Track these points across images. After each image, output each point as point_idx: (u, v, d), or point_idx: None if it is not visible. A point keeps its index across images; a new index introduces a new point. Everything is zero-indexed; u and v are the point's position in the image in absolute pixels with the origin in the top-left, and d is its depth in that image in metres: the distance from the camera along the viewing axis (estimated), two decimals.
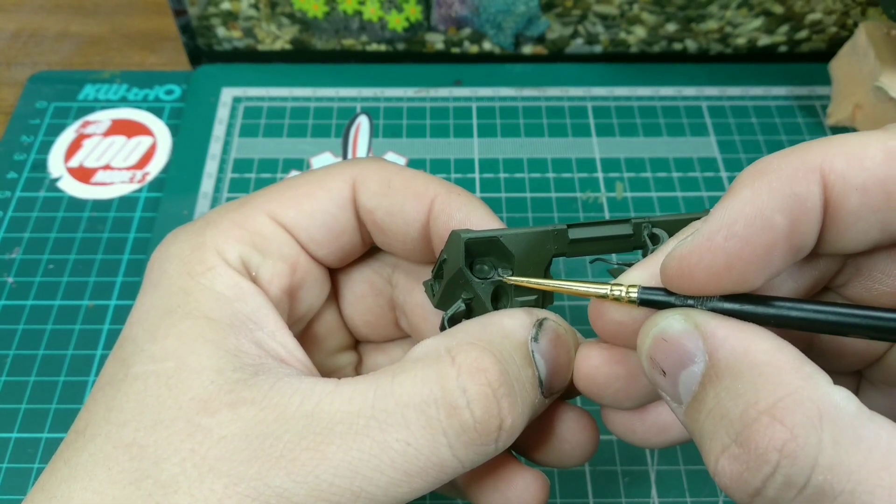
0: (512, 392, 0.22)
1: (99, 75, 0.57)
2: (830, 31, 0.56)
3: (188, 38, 0.56)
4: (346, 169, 0.27)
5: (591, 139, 0.53)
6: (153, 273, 0.26)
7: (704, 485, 0.39)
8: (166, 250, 0.26)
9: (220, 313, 0.24)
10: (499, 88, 0.56)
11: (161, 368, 0.23)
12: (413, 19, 0.55)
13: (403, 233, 0.27)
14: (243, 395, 0.22)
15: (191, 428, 0.22)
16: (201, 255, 0.25)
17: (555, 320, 0.25)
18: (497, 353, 0.22)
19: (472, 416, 0.21)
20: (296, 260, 0.27)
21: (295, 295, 0.27)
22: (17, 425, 0.41)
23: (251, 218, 0.26)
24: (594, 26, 0.55)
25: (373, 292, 0.30)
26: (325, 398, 0.22)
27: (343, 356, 0.31)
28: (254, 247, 0.26)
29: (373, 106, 0.55)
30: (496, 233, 0.25)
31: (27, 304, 0.45)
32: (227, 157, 0.52)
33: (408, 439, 0.21)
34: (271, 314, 0.25)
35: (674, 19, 0.55)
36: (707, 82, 0.56)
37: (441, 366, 0.22)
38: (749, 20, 0.55)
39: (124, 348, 0.24)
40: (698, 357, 0.19)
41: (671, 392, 0.20)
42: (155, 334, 0.23)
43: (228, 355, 0.23)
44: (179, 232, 0.27)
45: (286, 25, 0.56)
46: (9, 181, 0.51)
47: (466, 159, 0.52)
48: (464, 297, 0.25)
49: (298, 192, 0.27)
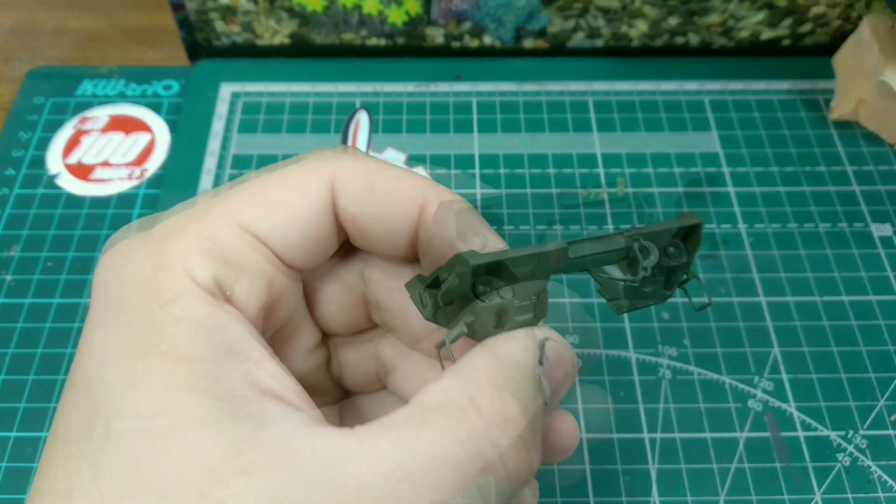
0: (536, 434, 0.22)
1: (97, 71, 0.56)
2: (834, 24, 0.56)
3: (186, 34, 0.56)
4: (321, 167, 0.25)
5: (592, 134, 0.53)
6: (109, 298, 0.22)
7: (705, 484, 0.38)
8: (122, 270, 0.22)
9: (203, 350, 0.21)
10: (499, 83, 0.55)
11: (152, 427, 0.20)
12: (413, 13, 0.54)
13: (389, 238, 0.25)
14: (255, 457, 0.19)
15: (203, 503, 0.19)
16: (168, 278, 0.22)
17: (554, 339, 0.24)
18: (521, 398, 0.22)
19: (505, 469, 0.21)
20: (272, 274, 0.24)
21: (271, 312, 0.25)
22: (16, 424, 0.41)
23: (220, 229, 0.23)
24: (596, 20, 0.55)
25: (344, 290, 0.28)
26: (349, 460, 0.20)
27: (314, 355, 0.29)
28: (225, 263, 0.23)
29: (372, 101, 0.54)
30: (502, 256, 0.24)
31: (26, 302, 0.45)
32: (226, 153, 0.51)
33: (444, 501, 0.20)
34: (254, 341, 0.22)
35: (676, 13, 0.54)
36: (709, 77, 0.56)
37: (468, 419, 0.21)
38: (752, 13, 0.54)
39: (91, 392, 0.21)
40: None
41: None
42: (134, 381, 0.20)
43: (223, 404, 0.20)
44: (131, 244, 0.23)
45: (285, 20, 0.55)
46: (6, 178, 0.50)
47: (467, 155, 0.51)
48: (466, 321, 0.24)
49: (272, 198, 0.24)
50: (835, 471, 0.39)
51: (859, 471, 0.39)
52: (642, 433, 0.40)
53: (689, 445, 0.40)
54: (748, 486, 0.38)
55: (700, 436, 0.40)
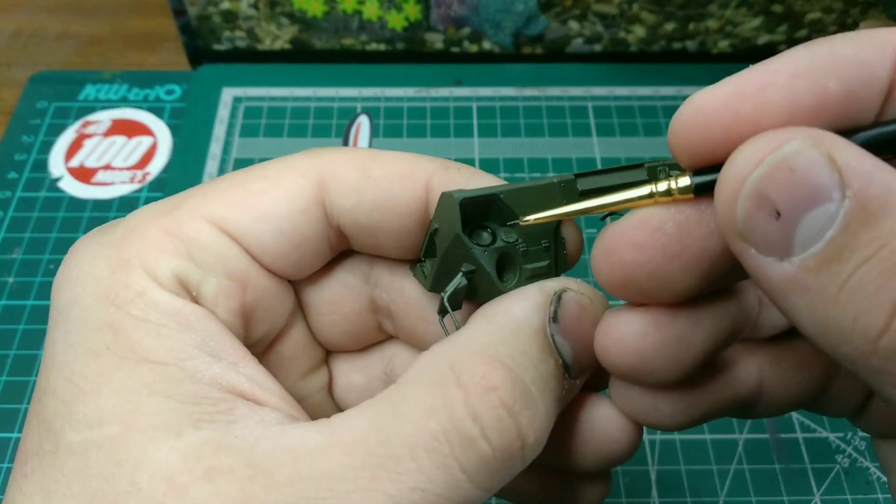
0: (530, 401, 0.19)
1: (99, 75, 0.57)
2: (830, 30, 0.56)
3: (188, 38, 0.56)
4: (306, 162, 0.22)
5: (591, 139, 0.53)
6: (61, 299, 0.20)
7: (705, 485, 0.39)
8: (76, 270, 0.20)
9: (164, 353, 0.19)
10: (499, 88, 0.56)
11: (101, 437, 0.18)
12: (412, 18, 0.55)
13: (397, 228, 0.22)
14: (218, 462, 0.18)
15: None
16: (125, 276, 0.20)
17: (576, 289, 0.21)
18: (508, 361, 0.19)
19: (489, 445, 0.18)
20: (245, 275, 0.22)
21: (249, 317, 0.22)
22: (17, 425, 0.41)
23: (186, 224, 0.21)
24: (594, 25, 0.55)
25: (349, 297, 0.25)
26: (320, 453, 0.18)
27: (313, 378, 0.26)
28: (191, 260, 0.21)
29: (373, 106, 0.55)
30: (495, 190, 0.21)
31: (28, 305, 0.45)
32: (228, 157, 0.52)
33: (424, 486, 0.18)
34: (227, 340, 0.20)
35: (673, 18, 0.55)
36: (707, 82, 0.55)
37: (446, 390, 0.18)
38: (748, 19, 0.55)
39: (45, 405, 0.19)
40: (835, 194, 0.15)
41: (778, 240, 0.15)
42: (82, 388, 0.19)
43: (185, 406, 0.18)
44: (91, 244, 0.21)
45: (286, 25, 0.56)
46: (9, 181, 0.51)
47: (467, 159, 0.52)
48: (464, 270, 0.21)
49: (245, 191, 0.22)
50: (833, 472, 0.39)
51: (858, 472, 0.39)
52: (642, 435, 0.40)
53: (688, 447, 0.40)
54: (747, 488, 0.39)
55: (699, 437, 0.40)
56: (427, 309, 0.24)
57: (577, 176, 0.22)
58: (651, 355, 0.19)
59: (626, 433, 0.22)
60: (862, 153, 0.15)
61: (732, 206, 0.16)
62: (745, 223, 0.16)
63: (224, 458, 0.18)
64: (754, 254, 0.16)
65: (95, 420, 0.18)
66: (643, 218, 0.18)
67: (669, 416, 0.21)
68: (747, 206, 0.16)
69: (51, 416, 0.19)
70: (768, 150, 0.16)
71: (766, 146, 0.16)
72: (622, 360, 0.20)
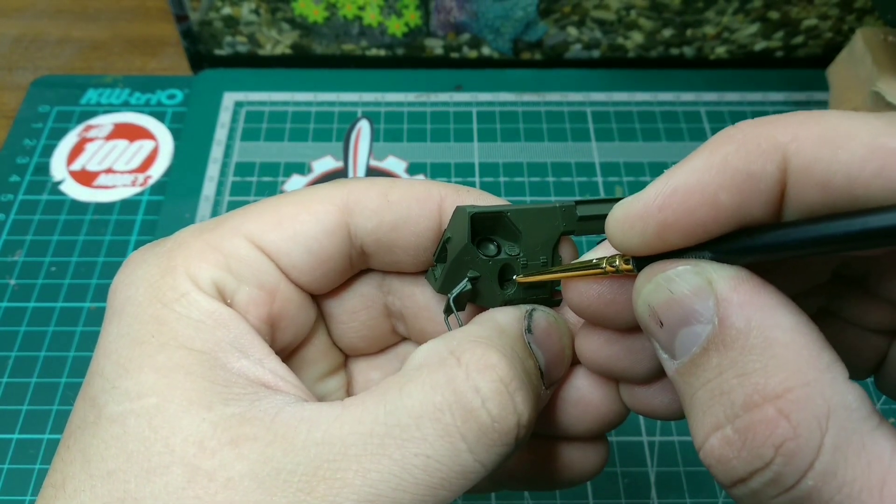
0: (523, 384, 0.21)
1: (101, 80, 0.57)
2: (826, 36, 0.57)
3: (190, 43, 0.57)
4: (334, 191, 0.25)
5: (590, 144, 0.53)
6: (117, 300, 0.23)
7: (704, 486, 0.39)
8: (131, 274, 0.24)
9: (201, 343, 0.22)
10: (499, 93, 0.56)
11: (140, 407, 0.21)
12: (412, 24, 0.55)
13: (415, 245, 0.25)
14: (243, 431, 0.20)
15: (190, 473, 0.20)
16: (172, 279, 0.23)
17: (543, 310, 0.25)
18: (502, 349, 0.22)
19: (489, 416, 0.20)
20: (275, 287, 0.24)
21: (276, 325, 0.25)
22: (18, 426, 0.41)
23: (226, 239, 0.24)
24: (592, 31, 0.56)
25: (365, 305, 0.28)
26: (333, 423, 0.20)
27: (332, 380, 0.29)
28: (229, 271, 0.24)
29: (373, 110, 0.55)
30: (503, 208, 0.24)
31: (29, 307, 0.45)
32: (229, 161, 0.52)
33: (427, 452, 0.20)
34: (256, 340, 0.23)
35: (671, 24, 0.55)
36: (705, 88, 0.56)
37: (448, 368, 0.21)
38: (745, 25, 0.55)
39: (92, 385, 0.22)
40: (705, 317, 0.18)
41: (665, 343, 0.19)
42: (127, 368, 0.21)
43: (216, 387, 0.21)
44: (145, 254, 0.24)
45: (286, 30, 0.56)
46: (11, 184, 0.51)
47: (467, 163, 0.52)
48: (470, 275, 0.24)
49: (280, 214, 0.25)
50: None
51: None
52: (641, 436, 0.40)
53: (687, 448, 0.40)
54: None
55: None
56: (436, 311, 0.27)
57: (578, 203, 0.25)
58: (614, 359, 0.23)
59: (601, 391, 0.26)
60: (741, 283, 0.18)
61: (637, 307, 0.20)
62: (643, 323, 0.20)
63: (249, 428, 0.20)
64: (657, 345, 0.20)
65: (136, 393, 0.21)
66: (590, 282, 0.23)
67: (669, 409, 0.24)
68: (642, 312, 0.20)
69: (96, 394, 0.21)
70: (659, 270, 0.19)
71: (659, 267, 0.19)
72: (590, 366, 0.24)
